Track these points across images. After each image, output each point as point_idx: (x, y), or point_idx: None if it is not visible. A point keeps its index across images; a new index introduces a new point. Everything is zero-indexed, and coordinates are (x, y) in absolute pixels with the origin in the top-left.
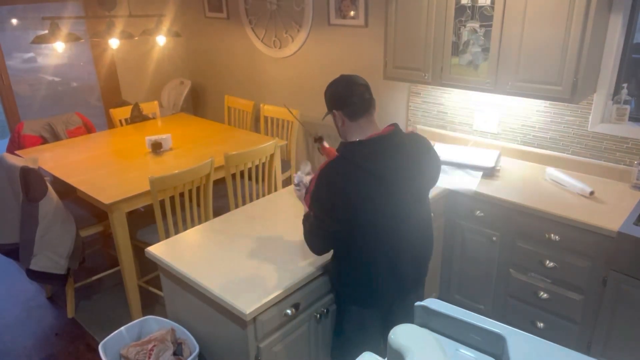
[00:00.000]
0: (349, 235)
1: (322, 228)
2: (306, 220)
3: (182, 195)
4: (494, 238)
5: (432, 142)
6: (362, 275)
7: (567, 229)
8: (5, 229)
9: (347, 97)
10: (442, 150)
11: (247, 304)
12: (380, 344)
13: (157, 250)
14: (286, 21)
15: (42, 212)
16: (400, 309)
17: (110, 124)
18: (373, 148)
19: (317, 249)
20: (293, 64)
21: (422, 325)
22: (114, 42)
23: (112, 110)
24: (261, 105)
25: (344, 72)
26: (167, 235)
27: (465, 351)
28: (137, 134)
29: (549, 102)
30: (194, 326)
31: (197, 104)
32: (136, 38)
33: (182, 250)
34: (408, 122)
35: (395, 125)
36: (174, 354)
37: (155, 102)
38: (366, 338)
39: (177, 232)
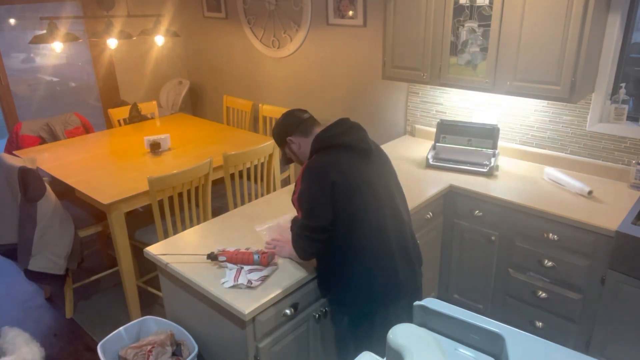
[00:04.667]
0: (343, 230)
1: (311, 227)
2: (294, 223)
3: (180, 195)
4: (493, 238)
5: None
6: (358, 277)
7: (566, 229)
8: (4, 230)
9: (293, 120)
10: (442, 150)
11: (246, 304)
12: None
13: (156, 250)
14: (285, 21)
15: (41, 212)
16: (397, 311)
17: (108, 124)
18: (340, 128)
19: (304, 252)
20: (292, 63)
21: (421, 325)
22: (112, 42)
23: (110, 111)
24: (260, 105)
25: (342, 72)
26: (166, 236)
27: (464, 351)
28: (135, 134)
29: (547, 101)
30: (192, 326)
31: (195, 104)
32: (134, 38)
33: (181, 250)
34: (407, 122)
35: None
36: (173, 354)
37: (154, 102)
38: (372, 340)
39: (175, 232)
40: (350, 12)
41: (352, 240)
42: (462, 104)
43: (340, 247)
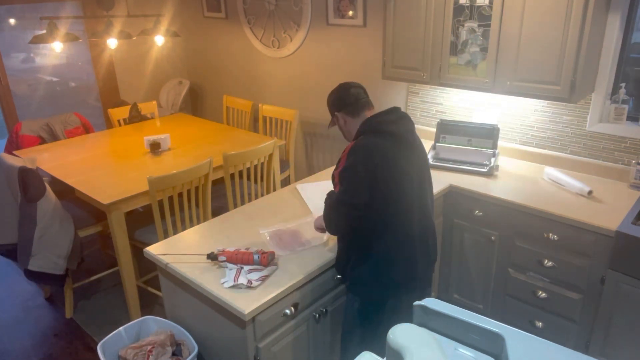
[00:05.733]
0: (375, 213)
1: (346, 203)
2: (329, 197)
3: (180, 195)
4: (493, 237)
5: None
6: (379, 261)
7: (566, 229)
8: (4, 230)
9: (345, 97)
10: (442, 150)
11: (246, 303)
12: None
13: (156, 250)
14: (285, 21)
15: (41, 212)
16: (408, 303)
17: (108, 124)
18: (391, 116)
19: (335, 226)
20: (292, 63)
21: (421, 324)
22: (112, 42)
23: (110, 110)
24: (260, 105)
25: (342, 72)
26: (166, 236)
27: (464, 351)
28: (135, 134)
29: (547, 101)
30: (192, 326)
31: (195, 104)
32: (134, 38)
33: (181, 250)
34: None
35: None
36: (173, 354)
37: (154, 102)
38: (379, 329)
39: (175, 232)
40: (350, 12)
41: (380, 224)
42: (462, 104)
43: (368, 229)
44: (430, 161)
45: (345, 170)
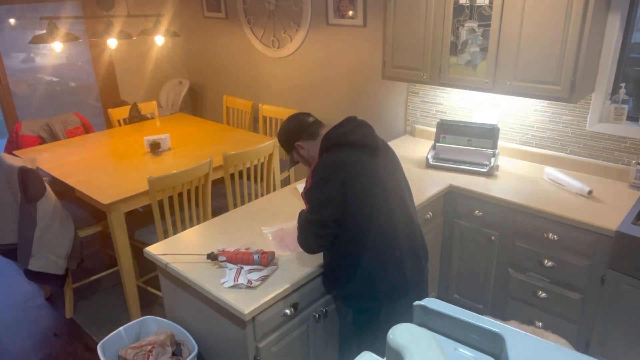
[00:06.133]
0: (354, 226)
1: (314, 221)
2: (299, 217)
3: (180, 195)
4: (493, 237)
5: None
6: (366, 272)
7: (566, 229)
8: (4, 230)
9: (299, 124)
10: (442, 150)
11: (246, 303)
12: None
13: (156, 250)
14: (285, 21)
15: (41, 212)
16: (402, 308)
17: (108, 124)
18: (348, 126)
19: (308, 246)
20: (291, 63)
21: (420, 324)
22: (112, 42)
23: (110, 110)
24: (260, 105)
25: (342, 71)
26: (166, 236)
27: (464, 350)
28: (135, 134)
29: (547, 101)
30: (192, 326)
31: (195, 104)
32: (134, 38)
33: (181, 250)
34: (407, 122)
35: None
36: (173, 354)
37: (154, 102)
38: (376, 337)
39: (175, 232)
40: (350, 12)
41: (363, 235)
42: (462, 104)
43: (350, 242)
44: (430, 161)
45: (311, 189)
